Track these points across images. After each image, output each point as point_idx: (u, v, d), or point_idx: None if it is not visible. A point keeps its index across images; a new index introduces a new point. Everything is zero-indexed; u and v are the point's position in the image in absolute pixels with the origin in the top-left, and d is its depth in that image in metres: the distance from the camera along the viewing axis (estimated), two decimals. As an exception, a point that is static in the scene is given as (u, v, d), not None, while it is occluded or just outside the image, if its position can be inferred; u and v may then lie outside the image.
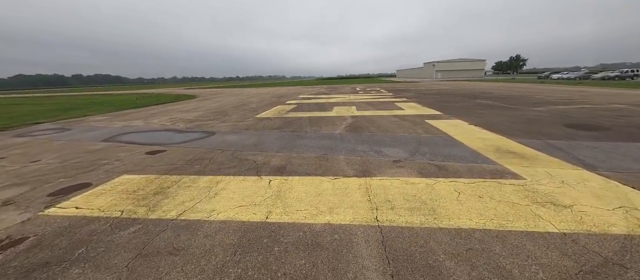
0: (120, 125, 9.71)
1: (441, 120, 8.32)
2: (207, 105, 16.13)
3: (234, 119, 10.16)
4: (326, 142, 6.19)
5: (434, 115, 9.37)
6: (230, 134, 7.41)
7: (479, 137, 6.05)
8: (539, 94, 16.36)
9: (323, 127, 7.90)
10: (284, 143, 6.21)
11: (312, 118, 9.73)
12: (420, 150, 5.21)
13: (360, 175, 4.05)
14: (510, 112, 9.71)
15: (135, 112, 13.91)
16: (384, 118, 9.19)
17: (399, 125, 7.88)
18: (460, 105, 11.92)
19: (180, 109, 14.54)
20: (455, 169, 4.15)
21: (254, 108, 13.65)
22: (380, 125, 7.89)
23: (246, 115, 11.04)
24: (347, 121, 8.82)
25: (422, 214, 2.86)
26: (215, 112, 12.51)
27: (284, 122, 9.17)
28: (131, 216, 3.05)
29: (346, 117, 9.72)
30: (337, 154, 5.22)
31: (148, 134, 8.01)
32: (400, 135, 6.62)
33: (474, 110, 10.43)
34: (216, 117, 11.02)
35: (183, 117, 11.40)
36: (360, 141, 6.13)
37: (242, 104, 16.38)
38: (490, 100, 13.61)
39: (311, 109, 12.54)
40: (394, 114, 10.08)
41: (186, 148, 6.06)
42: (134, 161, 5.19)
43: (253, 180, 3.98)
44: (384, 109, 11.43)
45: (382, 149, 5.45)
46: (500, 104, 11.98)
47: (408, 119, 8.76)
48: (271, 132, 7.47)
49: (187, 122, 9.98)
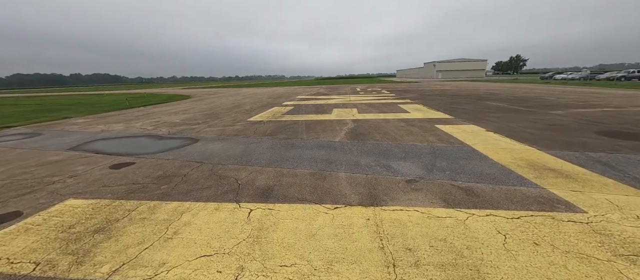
0: (97, 130, 8.78)
1: (453, 126, 7.44)
2: (199, 107, 15.21)
3: (223, 123, 9.25)
4: (324, 152, 5.29)
5: (444, 120, 8.48)
6: (215, 142, 6.51)
7: (503, 148, 5.16)
8: (549, 95, 15.51)
9: (321, 134, 7.01)
10: (275, 154, 5.31)
11: (310, 122, 8.84)
12: (438, 166, 4.32)
13: (367, 202, 3.16)
14: (527, 116, 8.84)
15: (120, 114, 12.98)
16: (388, 122, 8.30)
17: (406, 131, 6.99)
18: (470, 108, 11.04)
19: (169, 111, 13.62)
20: (489, 195, 3.26)
21: (247, 110, 12.74)
22: (385, 132, 7.00)
23: (238, 119, 10.13)
24: (348, 126, 7.93)
25: (462, 276, 1.97)
26: (206, 115, 11.59)
27: (278, 126, 8.27)
28: (45, 274, 2.15)
29: (347, 121, 8.82)
30: (336, 169, 4.32)
31: (123, 140, 7.10)
32: (410, 144, 5.72)
33: (486, 113, 9.55)
34: (205, 120, 10.11)
35: (169, 120, 10.48)
36: (364, 152, 5.23)
37: (235, 105, 15.46)
38: (500, 102, 12.74)
39: (309, 111, 11.64)
40: (399, 117, 9.19)
41: (159, 160, 5.15)
42: (91, 178, 4.28)
43: (229, 210, 3.08)
44: (388, 112, 10.54)
45: (390, 162, 4.55)
46: (512, 107, 11.11)
47: (416, 124, 7.87)
48: (262, 140, 6.57)
49: (171, 126, 9.06)
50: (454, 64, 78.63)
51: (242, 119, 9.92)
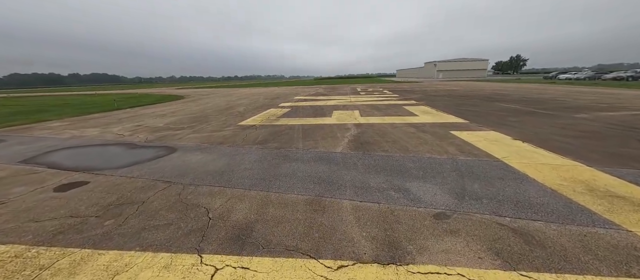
0: (68, 136, 7.80)
1: (472, 132, 6.49)
2: (190, 108, 14.22)
3: (211, 128, 8.28)
4: (323, 168, 4.33)
5: (459, 125, 7.53)
6: (195, 152, 5.54)
7: (543, 163, 4.21)
8: (564, 96, 14.58)
9: (320, 142, 6.05)
10: (263, 170, 4.35)
11: (307, 127, 7.87)
12: (470, 190, 3.36)
13: (385, 255, 2.20)
14: (550, 120, 7.89)
15: (103, 117, 11.99)
16: (396, 127, 7.35)
17: (419, 139, 6.03)
18: (483, 110, 10.09)
19: (157, 113, 12.63)
20: (558, 243, 2.30)
21: (240, 112, 11.76)
22: (394, 139, 6.04)
23: (228, 122, 9.16)
24: (350, 132, 6.97)
25: None
26: (194, 118, 10.61)
27: (271, 132, 7.30)
28: None
29: (349, 125, 7.86)
30: (339, 194, 3.37)
31: (89, 151, 6.12)
32: (426, 156, 4.77)
33: (503, 117, 8.60)
34: (191, 124, 9.13)
35: (152, 124, 9.50)
36: (373, 168, 4.27)
37: (228, 106, 14.48)
38: (514, 104, 11.79)
39: (307, 113, 10.68)
40: (407, 121, 8.23)
41: (119, 178, 4.18)
42: (22, 207, 3.31)
43: (184, 269, 2.12)
44: (393, 115, 9.59)
45: (407, 184, 3.60)
46: (529, 109, 10.17)
47: (428, 130, 6.91)
48: (250, 150, 5.61)
49: (152, 131, 8.09)
50: (454, 63, 77.75)
51: (232, 123, 8.95)
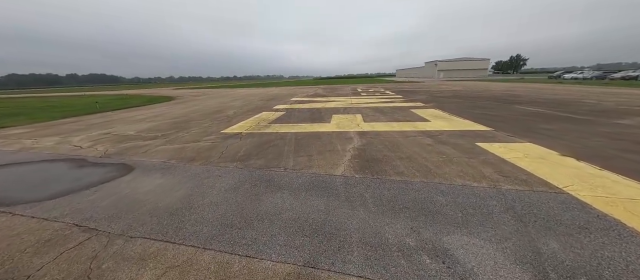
0: (17, 147, 6.55)
1: (504, 145, 5.25)
2: (174, 112, 12.96)
3: (188, 137, 7.03)
4: (318, 205, 3.09)
5: (483, 134, 6.29)
6: (153, 175, 4.29)
7: (631, 198, 2.98)
8: (582, 97, 13.37)
9: (316, 158, 4.81)
10: (234, 207, 3.11)
11: (301, 136, 6.64)
12: (548, 254, 2.12)
13: None
14: (590, 127, 6.67)
15: (73, 122, 10.73)
16: (408, 137, 6.11)
17: (440, 154, 4.79)
18: (503, 115, 8.86)
19: (136, 117, 11.37)
20: None
21: (228, 117, 10.51)
22: (409, 154, 4.80)
23: (210, 130, 7.90)
24: (353, 143, 5.74)
25: None
26: (174, 123, 9.36)
27: (257, 144, 6.06)
28: None
29: (351, 134, 6.63)
30: (342, 258, 2.13)
31: (21, 170, 4.86)
32: (458, 183, 3.53)
33: (531, 123, 7.37)
34: (168, 132, 7.88)
35: (123, 131, 8.25)
36: (388, 204, 3.04)
37: (218, 109, 13.23)
38: (535, 107, 10.57)
39: (302, 118, 9.44)
40: (419, 129, 6.99)
41: (28, 221, 2.93)
42: None
43: None
44: (401, 120, 8.35)
45: (445, 239, 2.36)
46: (555, 113, 8.95)
47: (447, 141, 5.68)
48: (225, 171, 4.36)
49: (118, 141, 6.84)
50: (455, 63, 76.55)
51: (214, 131, 7.70)
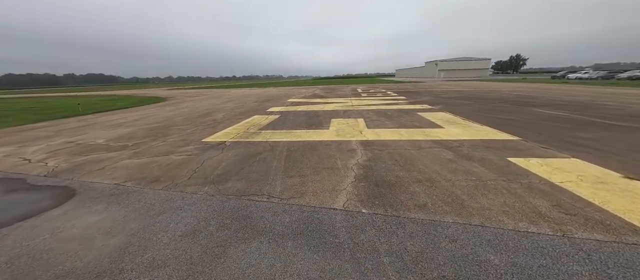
0: (-45, 161, 5.50)
1: (545, 162, 4.23)
2: (160, 115, 11.91)
3: (162, 147, 5.99)
4: (308, 268, 2.06)
5: (510, 144, 5.27)
6: (93, 205, 3.25)
7: None
8: (601, 99, 12.38)
9: (309, 181, 3.77)
10: (186, 268, 2.08)
11: (295, 147, 5.60)
12: None
13: None
14: (637, 135, 5.67)
15: (45, 126, 9.66)
16: (422, 150, 5.08)
17: (468, 174, 3.76)
18: (524, 120, 7.85)
19: (115, 122, 10.31)
20: None
21: (216, 121, 9.47)
22: (429, 176, 3.77)
23: (190, 137, 6.86)
24: (356, 158, 4.71)
25: None
26: (154, 129, 8.31)
27: (241, 157, 5.03)
28: None
29: (353, 144, 5.60)
30: None
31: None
32: (509, 228, 2.50)
33: (562, 131, 6.36)
34: (142, 140, 6.84)
35: (92, 139, 7.20)
36: (415, 268, 2.01)
37: (207, 112, 12.17)
38: (553, 109, 9.57)
39: (298, 123, 8.40)
40: (432, 137, 5.97)
41: None
42: None
43: None
44: (410, 126, 7.33)
45: None
46: (582, 117, 7.94)
47: (471, 155, 4.65)
48: (191, 201, 3.32)
49: (78, 153, 5.80)
50: (456, 63, 75.59)
51: (195, 139, 6.66)
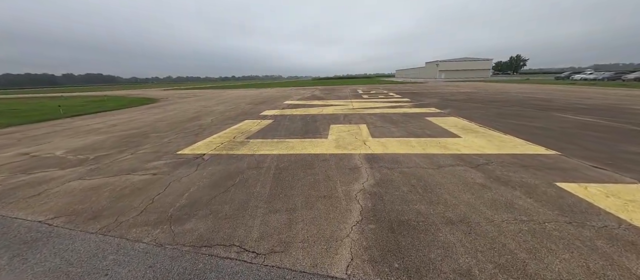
0: None
1: (605, 189, 3.24)
2: (142, 119, 10.90)
3: (127, 162, 4.99)
4: None
5: (549, 162, 4.28)
6: (-13, 264, 2.26)
7: None
8: (624, 102, 11.43)
9: (300, 222, 2.77)
10: None
11: (285, 163, 4.61)
12: None
13: None
14: (696, 149, 4.69)
15: (8, 134, 8.65)
16: (442, 169, 4.09)
17: (512, 210, 2.77)
18: (551, 127, 6.87)
19: (89, 127, 9.30)
20: None
21: (201, 127, 8.47)
22: (462, 214, 2.79)
23: (165, 149, 5.86)
24: (361, 181, 3.71)
25: None
26: (128, 136, 7.31)
27: (217, 179, 4.03)
28: None
29: (356, 160, 4.61)
30: None
31: None
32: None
33: (605, 142, 5.38)
34: (108, 152, 5.83)
35: (51, 149, 6.19)
36: None
37: (195, 115, 11.17)
38: (577, 114, 8.60)
39: (292, 130, 7.41)
40: (451, 151, 4.98)
41: None
42: None
43: None
44: (420, 133, 6.35)
45: None
46: (620, 124, 6.97)
47: (508, 178, 3.66)
48: (126, 258, 2.32)
49: (23, 169, 4.78)
50: (457, 63, 74.72)
51: (170, 151, 5.66)
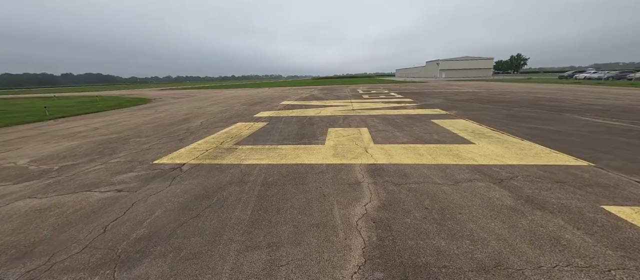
0: None
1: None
2: (129, 121, 10.23)
3: (93, 174, 4.32)
4: None
5: (585, 176, 3.62)
6: None
7: None
8: (638, 101, 10.77)
9: (281, 267, 2.12)
10: None
11: (273, 177, 3.94)
12: None
13: None
14: None
15: (-18, 137, 7.99)
16: (459, 184, 3.43)
17: (565, 253, 2.11)
18: (573, 132, 6.22)
19: (68, 131, 8.64)
20: None
21: (188, 130, 7.80)
22: (493, 253, 2.12)
23: (142, 157, 5.20)
24: (363, 203, 3.05)
25: None
26: (107, 141, 6.64)
27: (188, 199, 3.37)
28: None
29: (357, 172, 3.95)
30: None
31: None
32: None
33: (638, 149, 4.73)
34: (78, 161, 5.17)
35: (15, 158, 5.52)
36: None
37: (185, 118, 10.50)
38: (596, 116, 7.94)
39: (286, 134, 6.75)
40: (466, 161, 4.32)
41: None
42: None
43: None
44: (428, 139, 5.69)
45: None
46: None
47: (545, 201, 2.99)
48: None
49: (-30, 184, 4.13)
50: (458, 62, 73.99)
51: (146, 160, 4.99)
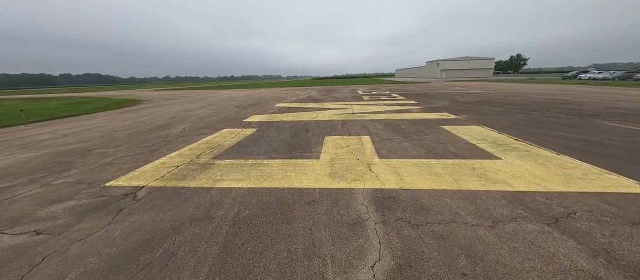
0: None
1: None
2: (105, 126, 9.31)
3: (19, 206, 3.42)
4: None
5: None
6: None
7: None
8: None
9: None
10: None
11: (250, 209, 3.03)
12: None
13: None
14: None
15: None
16: (499, 227, 2.53)
17: None
18: (614, 143, 5.31)
19: (35, 138, 7.70)
20: None
21: (166, 139, 6.88)
22: None
23: (95, 176, 4.27)
24: (369, 262, 2.13)
25: None
26: (67, 152, 5.72)
27: (126, 249, 2.45)
28: None
29: (359, 204, 3.04)
30: None
31: None
32: None
33: None
34: (18, 179, 4.25)
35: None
36: None
37: (168, 123, 9.58)
38: (628, 121, 7.05)
39: (276, 144, 5.84)
40: (497, 186, 3.41)
41: None
42: None
43: None
44: (443, 152, 4.78)
45: None
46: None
47: (633, 262, 2.11)
48: None
49: None
50: (458, 62, 73.19)
51: (98, 180, 4.07)
